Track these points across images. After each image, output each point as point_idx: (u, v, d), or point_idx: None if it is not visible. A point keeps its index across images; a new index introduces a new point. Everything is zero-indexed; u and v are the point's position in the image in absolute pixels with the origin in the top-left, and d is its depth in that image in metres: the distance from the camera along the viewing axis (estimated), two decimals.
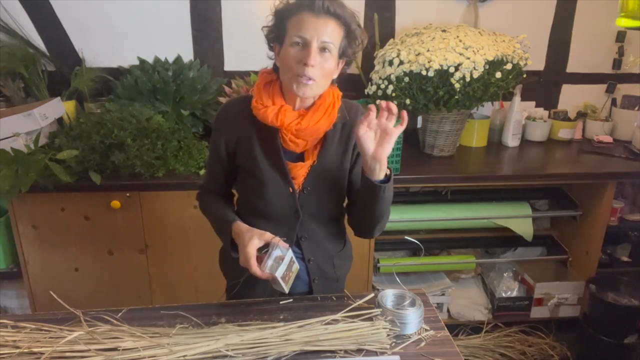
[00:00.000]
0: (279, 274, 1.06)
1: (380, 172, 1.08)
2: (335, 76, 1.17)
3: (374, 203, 1.13)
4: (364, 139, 1.04)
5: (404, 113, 1.04)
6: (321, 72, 1.08)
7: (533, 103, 2.57)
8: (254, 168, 1.19)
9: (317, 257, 1.26)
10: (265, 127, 1.15)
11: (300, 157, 1.20)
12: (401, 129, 1.04)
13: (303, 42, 1.06)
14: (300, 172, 1.18)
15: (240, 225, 1.13)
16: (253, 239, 1.07)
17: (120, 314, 1.15)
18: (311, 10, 1.05)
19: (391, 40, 2.20)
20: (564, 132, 2.44)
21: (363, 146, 1.05)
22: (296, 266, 1.11)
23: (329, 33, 1.06)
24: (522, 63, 2.03)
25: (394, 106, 1.03)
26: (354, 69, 2.34)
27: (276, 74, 1.16)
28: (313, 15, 1.05)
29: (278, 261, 1.06)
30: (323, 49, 1.07)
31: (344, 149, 1.21)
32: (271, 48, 1.17)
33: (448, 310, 2.28)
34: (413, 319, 1.11)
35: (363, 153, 1.07)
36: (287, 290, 1.09)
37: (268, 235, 1.08)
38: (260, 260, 1.07)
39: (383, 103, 1.04)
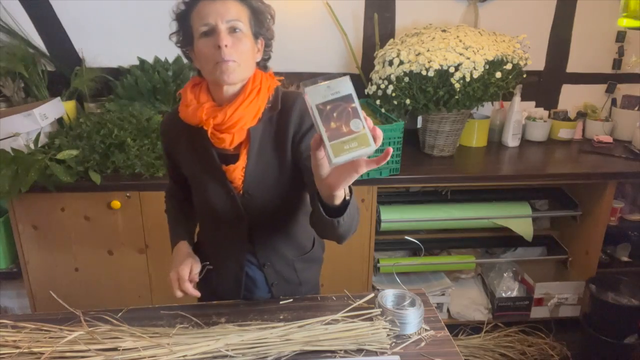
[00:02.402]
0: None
1: (335, 199, 0.87)
2: (258, 58, 1.13)
3: (331, 230, 0.95)
4: (321, 162, 0.80)
5: (389, 149, 0.77)
6: (239, 53, 1.05)
7: (533, 103, 2.57)
8: (194, 175, 1.20)
9: (274, 262, 1.23)
10: (197, 132, 1.12)
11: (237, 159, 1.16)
12: (373, 165, 0.78)
13: (209, 28, 1.04)
14: (235, 175, 1.13)
15: (181, 248, 1.23)
16: (185, 264, 1.16)
17: (120, 314, 1.15)
18: None
19: (391, 40, 2.20)
20: (564, 132, 2.44)
21: (317, 170, 0.81)
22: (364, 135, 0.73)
23: (231, 12, 1.04)
24: (522, 63, 2.03)
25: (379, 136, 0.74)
26: (354, 69, 2.34)
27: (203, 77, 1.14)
28: (209, 1, 1.04)
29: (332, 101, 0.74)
30: (233, 30, 1.04)
31: (277, 144, 1.13)
32: (187, 56, 1.15)
33: (448, 310, 2.28)
34: (413, 319, 1.11)
35: (316, 176, 0.83)
36: (333, 160, 0.72)
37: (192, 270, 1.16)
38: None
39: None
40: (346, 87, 0.74)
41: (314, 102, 0.73)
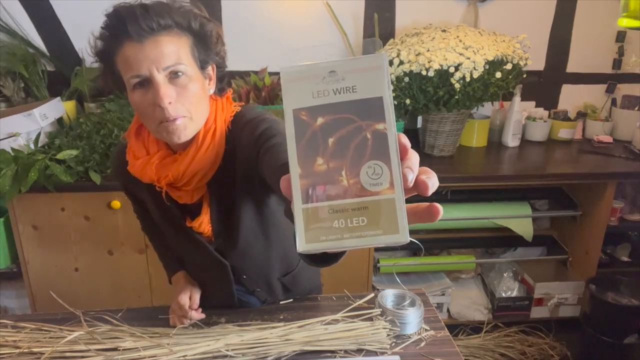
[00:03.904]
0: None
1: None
2: (212, 90, 0.93)
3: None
4: None
5: (437, 207, 0.49)
6: (188, 105, 0.85)
7: (533, 103, 2.57)
8: (160, 225, 1.10)
9: (263, 287, 1.19)
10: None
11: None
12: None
13: (142, 79, 0.82)
14: (202, 228, 1.02)
15: (179, 280, 1.19)
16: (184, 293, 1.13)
17: (120, 314, 1.15)
18: (131, 39, 0.80)
19: (391, 40, 2.20)
20: (564, 132, 2.44)
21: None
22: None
23: (167, 55, 0.81)
24: (522, 63, 2.03)
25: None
26: None
27: None
28: (136, 43, 0.80)
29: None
30: (174, 74, 0.83)
31: (238, 183, 0.97)
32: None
33: (448, 310, 2.28)
34: (413, 319, 1.11)
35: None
36: (301, 247, 0.40)
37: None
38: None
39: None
40: (375, 78, 0.33)
41: (292, 105, 0.34)
